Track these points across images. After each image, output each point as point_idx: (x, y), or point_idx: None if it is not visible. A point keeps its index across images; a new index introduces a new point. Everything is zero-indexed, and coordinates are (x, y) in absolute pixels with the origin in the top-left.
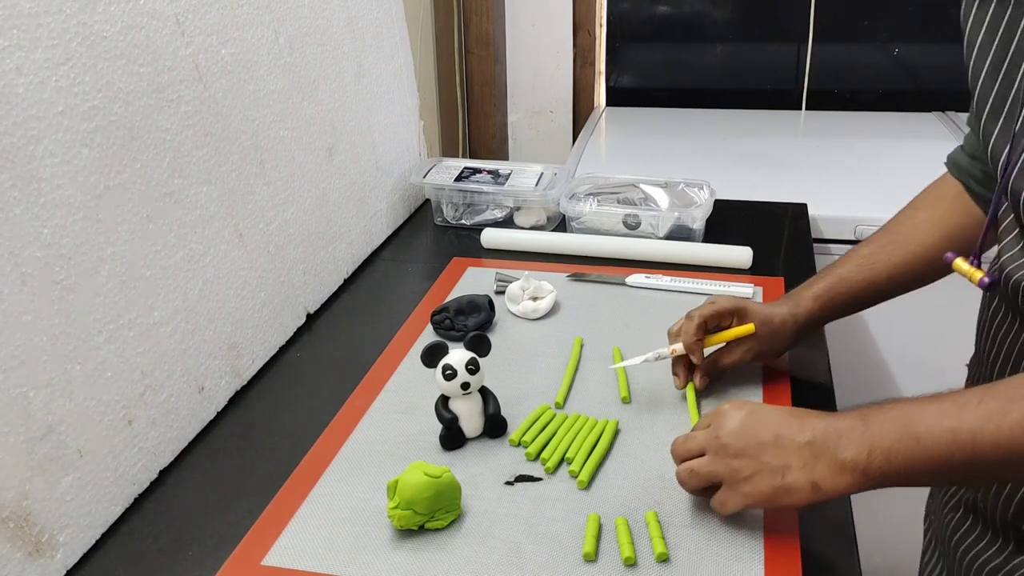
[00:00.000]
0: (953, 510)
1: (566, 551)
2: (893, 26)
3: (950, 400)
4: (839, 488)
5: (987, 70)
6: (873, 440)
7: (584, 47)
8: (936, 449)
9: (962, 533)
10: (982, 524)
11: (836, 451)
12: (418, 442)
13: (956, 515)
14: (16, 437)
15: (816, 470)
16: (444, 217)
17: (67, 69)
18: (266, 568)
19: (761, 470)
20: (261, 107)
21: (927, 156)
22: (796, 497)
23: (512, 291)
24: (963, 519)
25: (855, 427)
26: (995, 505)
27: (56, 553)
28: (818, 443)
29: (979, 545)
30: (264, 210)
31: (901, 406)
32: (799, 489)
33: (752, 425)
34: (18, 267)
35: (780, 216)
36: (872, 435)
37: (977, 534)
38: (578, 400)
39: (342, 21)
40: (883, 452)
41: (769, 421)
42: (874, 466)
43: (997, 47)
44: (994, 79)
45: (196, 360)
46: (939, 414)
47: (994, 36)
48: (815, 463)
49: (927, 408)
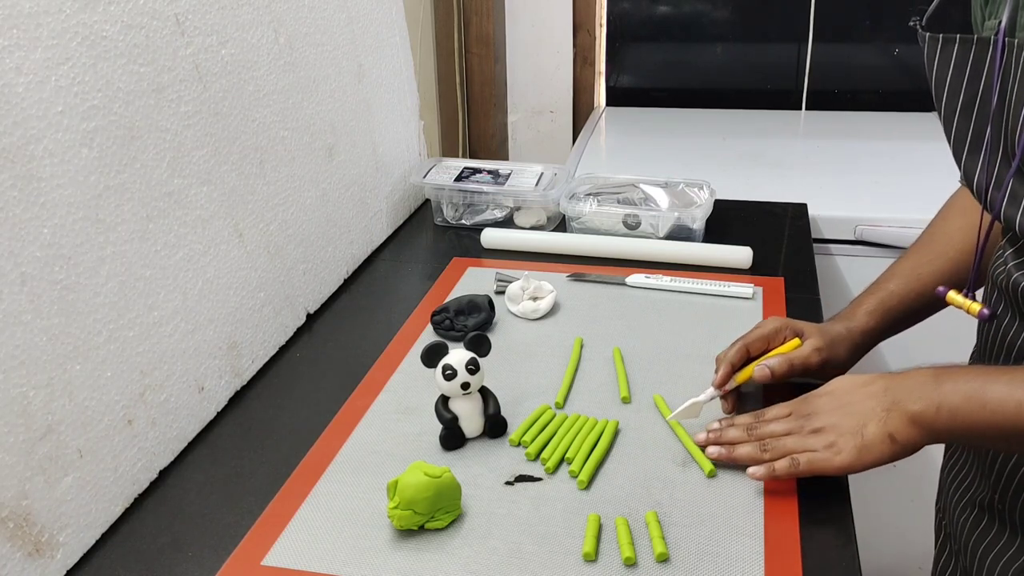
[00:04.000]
0: (968, 508)
1: (566, 551)
2: (893, 26)
3: (1022, 373)
4: (911, 439)
5: (960, 108)
6: (942, 398)
7: (584, 47)
8: (1001, 416)
9: (979, 533)
10: (999, 523)
11: (907, 403)
12: (418, 442)
13: (972, 514)
14: (16, 437)
15: (889, 422)
16: (444, 217)
17: (67, 69)
18: (266, 568)
19: (843, 433)
20: (261, 107)
21: (927, 156)
22: (878, 452)
23: (512, 291)
24: (979, 518)
25: (927, 383)
26: (1014, 505)
27: (56, 553)
28: (889, 397)
29: (998, 545)
30: (264, 210)
31: (976, 372)
32: (880, 443)
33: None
34: (18, 267)
35: (780, 216)
36: (942, 393)
37: (995, 534)
38: (578, 400)
39: (342, 21)
40: (949, 410)
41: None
42: (940, 422)
43: (967, 85)
44: (969, 115)
45: (196, 360)
46: (1010, 384)
47: (963, 74)
48: (887, 416)
49: (1000, 377)
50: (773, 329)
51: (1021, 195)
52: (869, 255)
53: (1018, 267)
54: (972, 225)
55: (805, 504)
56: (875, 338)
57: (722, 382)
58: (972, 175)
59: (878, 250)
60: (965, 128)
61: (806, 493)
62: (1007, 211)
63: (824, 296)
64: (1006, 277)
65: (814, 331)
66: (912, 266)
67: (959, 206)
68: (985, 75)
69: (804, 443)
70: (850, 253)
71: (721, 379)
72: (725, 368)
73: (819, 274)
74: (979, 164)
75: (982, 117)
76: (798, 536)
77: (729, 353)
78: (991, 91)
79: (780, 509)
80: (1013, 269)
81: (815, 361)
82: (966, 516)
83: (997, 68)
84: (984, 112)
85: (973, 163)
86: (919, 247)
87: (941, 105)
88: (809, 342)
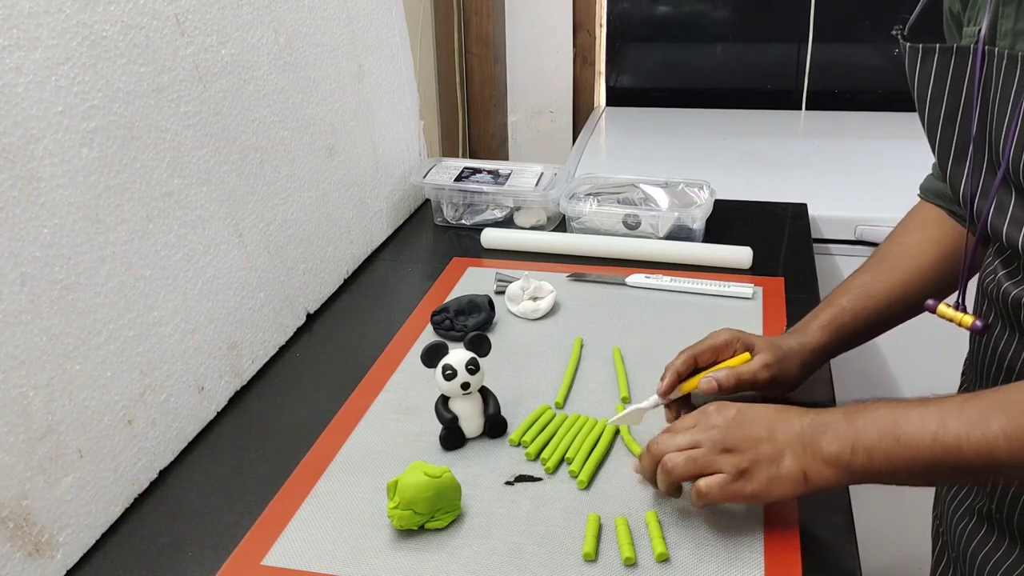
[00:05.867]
0: (965, 517)
1: (566, 551)
2: (893, 26)
3: (934, 405)
4: (826, 480)
5: (944, 117)
6: (856, 437)
7: (584, 47)
8: (917, 451)
9: (978, 542)
10: (998, 532)
11: (822, 444)
12: (418, 442)
13: (970, 523)
14: (16, 437)
15: (805, 459)
16: (444, 217)
17: (67, 69)
18: (266, 568)
19: (758, 461)
20: (261, 107)
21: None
22: (788, 486)
23: (512, 291)
24: (977, 527)
25: (840, 422)
26: (1011, 514)
27: (56, 553)
28: (806, 435)
29: (997, 554)
30: (264, 210)
31: (888, 407)
32: (792, 478)
33: (743, 421)
34: (18, 267)
35: (780, 216)
36: (856, 432)
37: (994, 542)
38: (578, 400)
39: (342, 21)
40: (865, 449)
41: (760, 416)
42: (857, 462)
43: (949, 94)
44: (952, 125)
45: (196, 360)
46: (922, 417)
47: (944, 84)
48: (803, 453)
49: (911, 411)
50: (723, 341)
51: (1007, 205)
52: (869, 255)
53: (1008, 276)
54: (930, 239)
55: (805, 504)
56: (827, 354)
57: (667, 391)
58: (958, 185)
59: None
60: (949, 138)
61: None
62: (994, 221)
63: (824, 296)
64: (996, 287)
65: (765, 345)
66: (865, 282)
67: (919, 219)
68: (966, 84)
69: (711, 462)
70: (850, 253)
71: (666, 387)
72: (671, 377)
73: (819, 274)
74: (964, 174)
75: (965, 126)
76: (798, 536)
77: (676, 362)
78: (973, 100)
79: (780, 509)
80: (1003, 279)
81: (763, 377)
82: (964, 524)
83: (978, 77)
84: (967, 121)
85: (959, 173)
86: (873, 263)
87: (924, 115)
88: (759, 357)
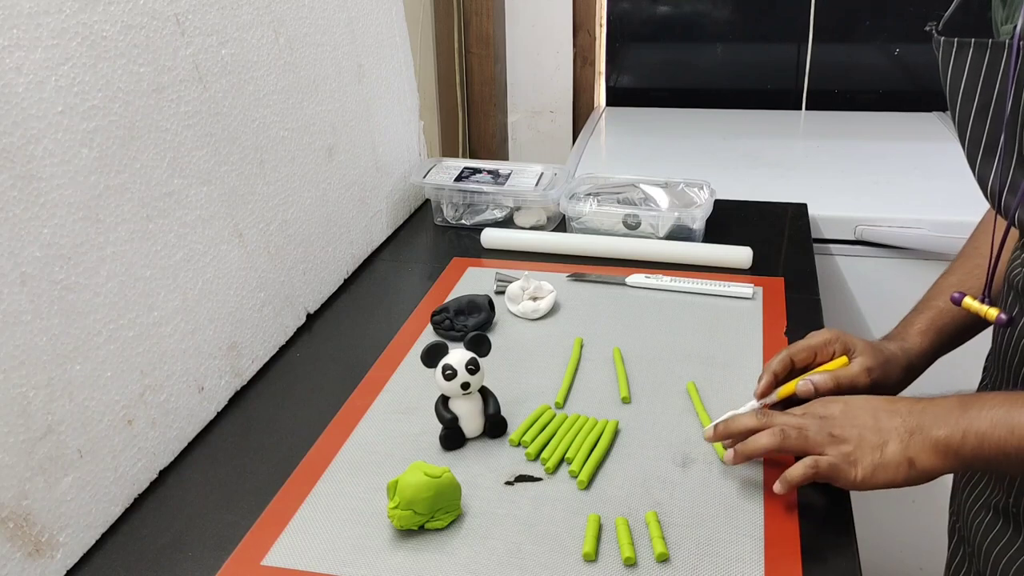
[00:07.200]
0: (982, 512)
1: (566, 551)
2: (893, 26)
3: None
4: (933, 465)
5: (975, 112)
6: (969, 424)
7: (584, 47)
8: None
9: (993, 537)
10: (1014, 527)
11: (931, 430)
12: (418, 442)
13: (986, 518)
14: (16, 437)
15: (912, 445)
16: (444, 217)
17: (67, 69)
18: (266, 568)
19: (863, 446)
20: (261, 107)
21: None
22: (892, 472)
23: (512, 291)
24: (993, 522)
25: (952, 410)
26: None
27: (56, 553)
28: (913, 421)
29: (1012, 549)
30: (264, 210)
31: (1003, 398)
32: (895, 464)
33: (850, 411)
34: (18, 267)
35: (780, 216)
36: (969, 419)
37: (1009, 537)
38: (578, 400)
39: (342, 21)
40: (976, 436)
41: (866, 406)
42: (967, 448)
43: (982, 88)
44: (983, 119)
45: (196, 360)
46: None
47: (978, 77)
48: (910, 438)
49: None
50: (822, 340)
51: None
52: (869, 255)
53: None
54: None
55: (805, 504)
56: (929, 358)
57: (764, 392)
58: (986, 179)
59: (878, 250)
60: (980, 132)
61: (806, 494)
62: (1021, 215)
63: (824, 296)
64: (1023, 281)
65: (866, 349)
66: (958, 280)
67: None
68: (1000, 79)
69: (820, 443)
70: (850, 253)
71: (763, 389)
72: (768, 378)
73: (819, 274)
74: (993, 168)
75: (997, 121)
76: (798, 536)
77: (772, 362)
78: (1006, 95)
79: (780, 509)
80: None
81: (864, 382)
82: (980, 519)
83: (1012, 72)
84: (999, 116)
85: (987, 167)
86: (963, 261)
87: (956, 109)
88: (859, 360)
